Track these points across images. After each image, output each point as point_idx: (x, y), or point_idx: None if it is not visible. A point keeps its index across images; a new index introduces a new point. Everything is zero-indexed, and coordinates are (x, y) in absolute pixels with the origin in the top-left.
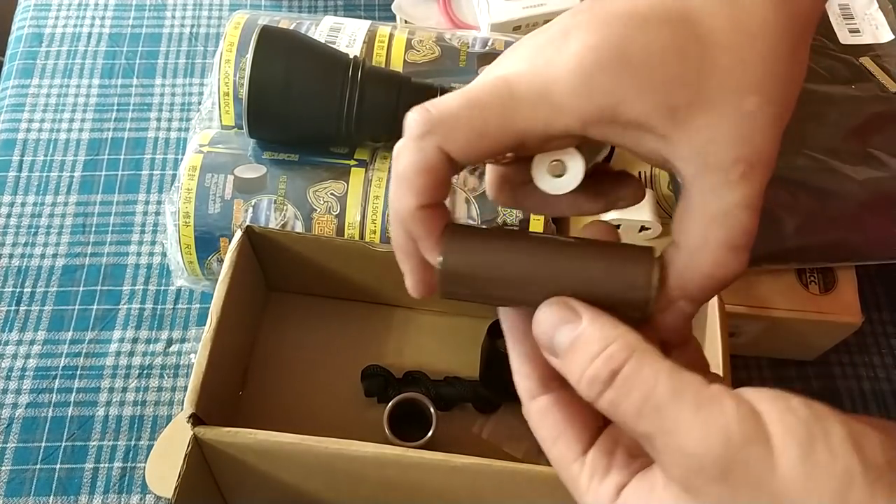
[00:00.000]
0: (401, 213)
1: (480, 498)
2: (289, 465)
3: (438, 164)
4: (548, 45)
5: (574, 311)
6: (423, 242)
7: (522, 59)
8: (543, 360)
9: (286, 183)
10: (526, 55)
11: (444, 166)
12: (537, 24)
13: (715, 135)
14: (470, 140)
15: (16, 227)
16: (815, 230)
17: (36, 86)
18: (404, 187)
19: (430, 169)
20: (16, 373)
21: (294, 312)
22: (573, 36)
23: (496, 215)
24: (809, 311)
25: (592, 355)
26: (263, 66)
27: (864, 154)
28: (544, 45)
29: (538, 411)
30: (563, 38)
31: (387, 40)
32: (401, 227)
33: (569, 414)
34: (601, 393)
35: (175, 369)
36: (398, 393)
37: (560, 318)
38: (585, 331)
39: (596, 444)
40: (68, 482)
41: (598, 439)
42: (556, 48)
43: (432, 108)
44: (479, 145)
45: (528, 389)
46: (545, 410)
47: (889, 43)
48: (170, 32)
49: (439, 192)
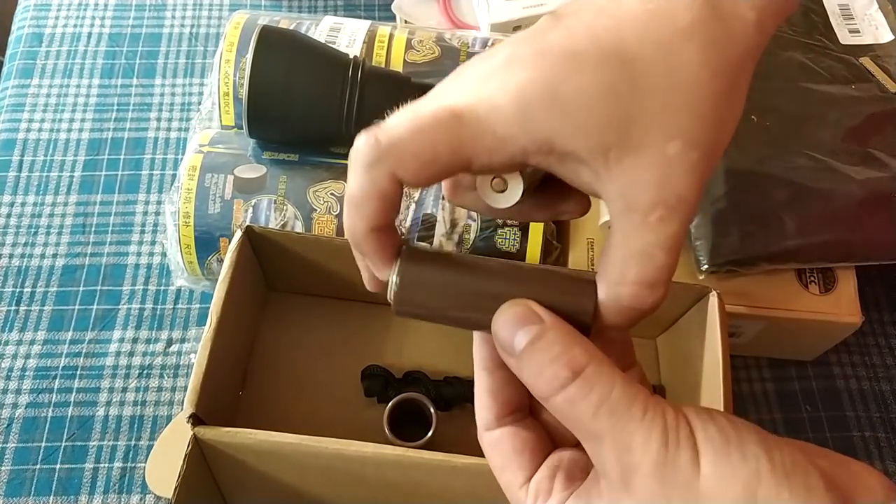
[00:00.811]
0: (354, 235)
1: (480, 498)
2: (289, 465)
3: (388, 190)
4: (491, 76)
5: (537, 315)
6: (375, 262)
7: (468, 90)
8: (504, 397)
9: (286, 183)
10: (471, 85)
11: (393, 191)
12: None
13: (638, 177)
14: (420, 166)
15: (16, 227)
16: (815, 230)
17: (36, 86)
18: (355, 212)
19: (381, 195)
20: (16, 373)
21: (294, 312)
22: (515, 69)
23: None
24: (809, 311)
25: (554, 356)
26: (263, 66)
27: (864, 154)
28: (488, 76)
29: (490, 442)
30: (505, 70)
31: (387, 40)
32: (354, 247)
33: (517, 446)
34: (559, 390)
35: (175, 369)
36: (398, 393)
37: (524, 318)
38: (549, 333)
39: (538, 471)
40: (68, 482)
41: (539, 467)
42: (499, 81)
43: (381, 134)
44: (429, 171)
45: (485, 421)
46: (496, 442)
47: (889, 43)
48: (170, 32)
49: (389, 214)
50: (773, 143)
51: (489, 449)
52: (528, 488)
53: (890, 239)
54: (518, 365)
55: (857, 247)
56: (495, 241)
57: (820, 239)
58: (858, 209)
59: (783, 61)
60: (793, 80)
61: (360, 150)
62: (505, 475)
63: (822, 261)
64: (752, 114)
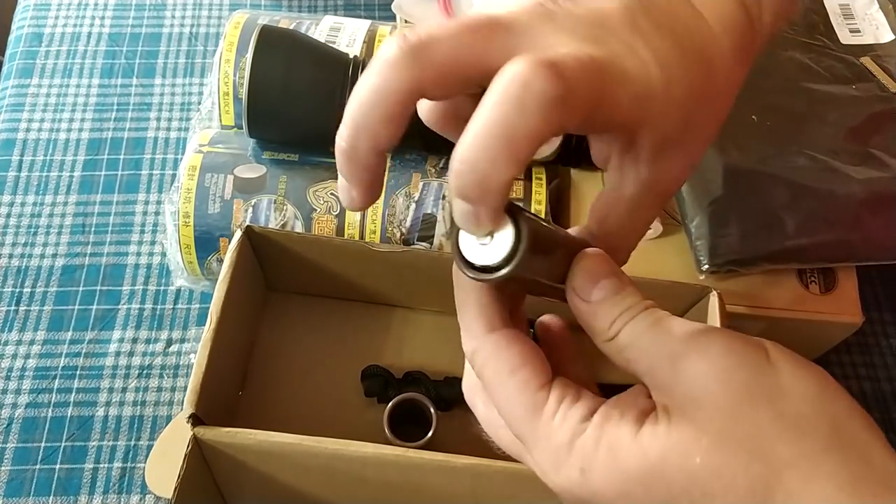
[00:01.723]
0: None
1: (480, 498)
2: (288, 465)
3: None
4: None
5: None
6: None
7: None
8: (501, 302)
9: (286, 183)
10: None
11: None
12: None
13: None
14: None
15: (16, 227)
16: (815, 230)
17: (36, 86)
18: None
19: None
20: (16, 373)
21: (294, 312)
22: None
23: None
24: (809, 311)
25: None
26: (263, 65)
27: (864, 154)
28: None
29: (497, 342)
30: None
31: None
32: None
33: (531, 348)
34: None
35: (175, 369)
36: (398, 393)
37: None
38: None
39: (558, 379)
40: (68, 482)
41: (555, 378)
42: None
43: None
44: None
45: (487, 321)
46: (509, 341)
47: (889, 43)
48: (170, 32)
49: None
50: (773, 143)
51: (494, 350)
52: (549, 389)
53: (890, 239)
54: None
55: (858, 247)
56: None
57: (820, 239)
58: (859, 209)
59: (783, 61)
60: (793, 80)
61: (388, 49)
62: (519, 374)
63: (822, 261)
64: (752, 114)
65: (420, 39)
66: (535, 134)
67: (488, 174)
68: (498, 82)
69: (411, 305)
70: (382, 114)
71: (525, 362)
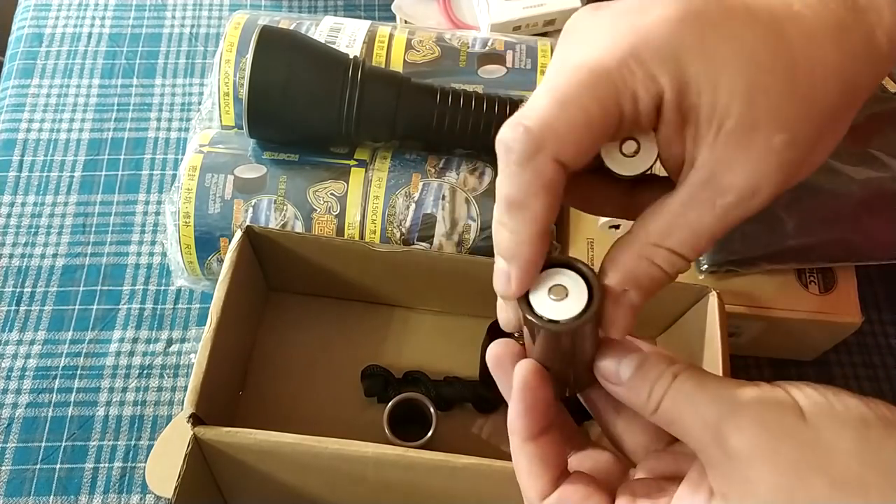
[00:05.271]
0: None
1: (480, 498)
2: (288, 465)
3: (555, 179)
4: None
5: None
6: (527, 271)
7: (596, 41)
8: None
9: (286, 183)
10: (598, 36)
11: (559, 179)
12: (537, 25)
13: (732, 156)
14: (579, 139)
15: (16, 227)
16: (815, 230)
17: (36, 86)
18: (519, 216)
19: (548, 187)
20: (16, 373)
21: (294, 312)
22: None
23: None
24: (809, 311)
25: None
26: (263, 66)
27: (864, 154)
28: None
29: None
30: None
31: (387, 40)
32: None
33: (583, 492)
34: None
35: (175, 369)
36: (398, 393)
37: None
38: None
39: (617, 499)
40: (68, 482)
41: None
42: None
43: (528, 120)
44: (587, 141)
45: (540, 490)
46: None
47: None
48: (170, 32)
49: (556, 210)
50: None
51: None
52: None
53: (890, 239)
54: (627, 387)
55: (857, 247)
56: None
57: (820, 239)
58: (858, 209)
59: None
60: None
61: (510, 146)
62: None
63: (822, 261)
64: None
65: None
66: (530, 188)
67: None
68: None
69: (411, 305)
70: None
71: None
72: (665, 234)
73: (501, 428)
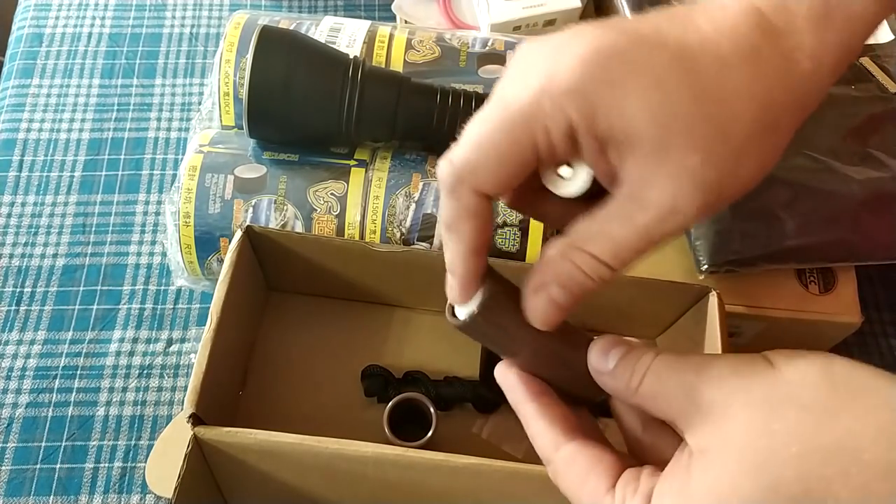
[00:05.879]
0: (453, 259)
1: (480, 498)
2: (289, 465)
3: (478, 207)
4: (540, 59)
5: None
6: (465, 284)
7: (518, 80)
8: (559, 413)
9: (286, 183)
10: (520, 74)
11: (483, 206)
12: (537, 25)
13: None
14: (494, 173)
15: (16, 227)
16: (815, 230)
17: (36, 86)
18: (453, 235)
19: (471, 214)
20: (16, 373)
21: (294, 312)
22: (573, 42)
23: (496, 216)
24: (809, 311)
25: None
26: (263, 66)
27: (863, 154)
28: (536, 62)
29: (564, 459)
30: (558, 50)
31: (387, 40)
32: (450, 271)
33: (596, 454)
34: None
35: (175, 369)
36: (398, 393)
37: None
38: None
39: (623, 474)
40: (68, 482)
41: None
42: (554, 57)
43: (453, 155)
44: (504, 174)
45: (552, 441)
46: (571, 456)
47: (889, 43)
48: (170, 32)
49: (485, 233)
50: None
51: (564, 466)
52: (613, 491)
53: (890, 239)
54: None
55: (857, 247)
56: (495, 241)
57: (820, 239)
58: (858, 209)
59: None
60: None
61: (440, 177)
62: (588, 486)
63: (822, 261)
64: None
65: None
66: (456, 214)
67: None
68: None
69: (411, 305)
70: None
71: (589, 473)
72: (587, 239)
73: (501, 428)
